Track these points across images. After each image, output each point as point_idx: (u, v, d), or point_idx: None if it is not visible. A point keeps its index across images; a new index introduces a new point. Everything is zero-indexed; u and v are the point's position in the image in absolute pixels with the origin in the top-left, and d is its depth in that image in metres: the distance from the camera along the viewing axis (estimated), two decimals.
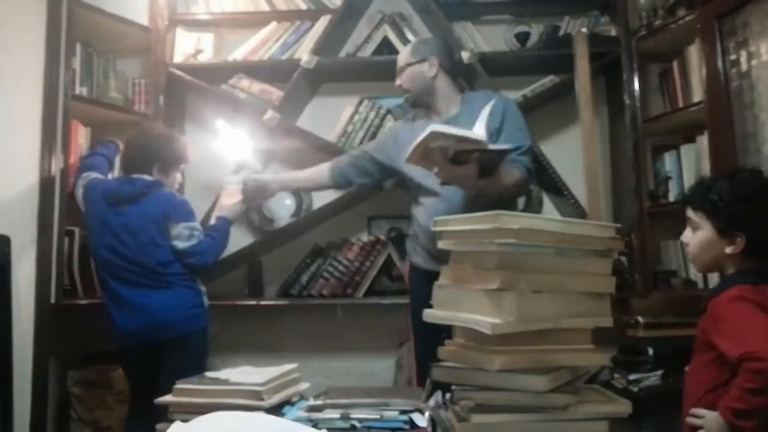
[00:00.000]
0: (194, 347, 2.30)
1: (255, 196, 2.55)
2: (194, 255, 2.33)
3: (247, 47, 3.02)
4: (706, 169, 2.54)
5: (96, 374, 2.65)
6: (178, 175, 2.51)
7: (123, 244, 2.28)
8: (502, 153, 1.95)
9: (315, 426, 1.24)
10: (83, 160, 2.58)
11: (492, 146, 1.88)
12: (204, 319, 2.36)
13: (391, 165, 2.34)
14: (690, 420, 1.46)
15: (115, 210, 2.30)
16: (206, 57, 3.04)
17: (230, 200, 2.52)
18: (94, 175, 2.46)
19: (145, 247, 2.27)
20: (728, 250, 1.54)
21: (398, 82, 2.32)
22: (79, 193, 2.42)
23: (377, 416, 1.29)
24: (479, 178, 1.94)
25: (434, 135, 1.81)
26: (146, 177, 2.36)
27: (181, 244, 2.31)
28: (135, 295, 2.26)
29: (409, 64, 2.29)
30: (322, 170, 2.46)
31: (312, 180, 2.50)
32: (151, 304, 2.25)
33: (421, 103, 2.34)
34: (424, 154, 1.91)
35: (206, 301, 2.40)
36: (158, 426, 1.31)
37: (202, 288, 2.41)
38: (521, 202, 2.93)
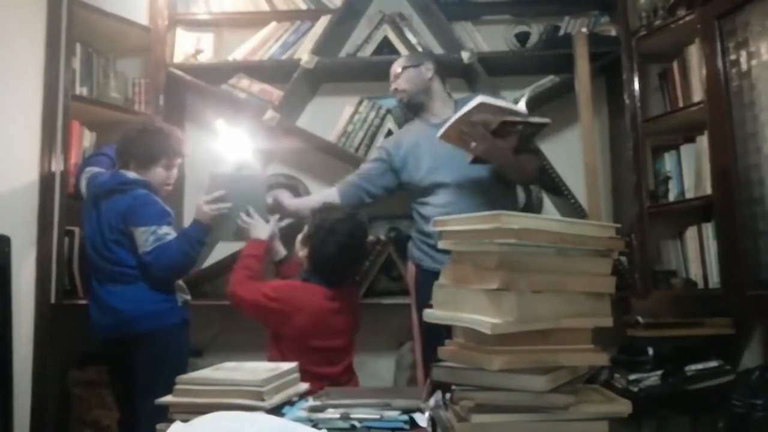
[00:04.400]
0: (165, 343, 2.20)
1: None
2: (151, 264, 2.18)
3: (247, 47, 3.02)
4: (706, 169, 2.54)
5: (96, 374, 2.65)
6: (161, 170, 2.34)
7: (95, 239, 2.27)
8: (540, 126, 2.04)
9: (315, 426, 1.24)
10: (87, 159, 2.59)
11: (532, 119, 1.96)
12: (174, 315, 2.26)
13: (397, 170, 2.44)
14: None
15: (96, 204, 2.29)
16: (206, 57, 3.05)
17: (206, 204, 2.34)
18: (96, 169, 2.46)
19: (109, 243, 2.23)
20: None
21: (393, 86, 2.47)
22: (83, 186, 2.43)
23: (377, 416, 1.29)
24: (516, 154, 2.09)
25: (482, 106, 1.90)
26: (128, 174, 2.30)
27: (140, 249, 2.20)
28: (103, 291, 2.24)
29: (405, 67, 2.47)
30: (332, 194, 2.50)
31: (324, 204, 2.45)
32: (114, 300, 2.21)
33: (415, 103, 2.47)
34: (460, 129, 1.99)
35: (181, 297, 2.30)
36: (158, 426, 1.31)
37: (179, 283, 2.33)
38: (521, 201, 2.94)
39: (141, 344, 2.18)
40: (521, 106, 1.93)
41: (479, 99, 1.92)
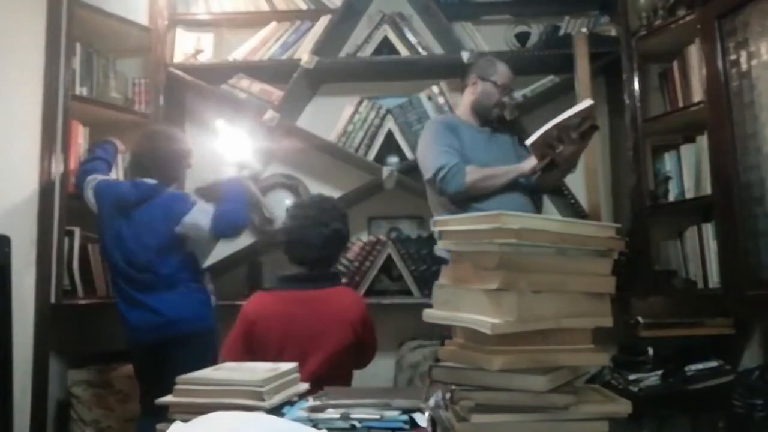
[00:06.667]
0: (201, 345, 2.30)
1: None
2: (220, 224, 2.32)
3: (247, 47, 3.02)
4: (706, 169, 2.54)
5: (96, 374, 2.65)
6: (176, 183, 2.54)
7: (132, 251, 2.32)
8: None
9: (315, 426, 1.24)
10: (84, 165, 2.59)
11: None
12: (210, 318, 2.39)
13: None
14: None
15: (124, 216, 2.35)
16: (206, 57, 3.05)
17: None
18: (100, 177, 2.49)
19: (151, 251, 2.31)
20: None
21: (506, 98, 2.45)
22: (89, 195, 2.45)
23: (377, 416, 1.29)
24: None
25: (589, 110, 1.95)
26: (149, 180, 2.38)
27: (206, 224, 2.30)
28: (145, 297, 2.30)
29: None
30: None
31: None
32: (159, 303, 2.29)
33: None
34: (550, 133, 2.03)
35: (214, 301, 2.46)
36: (158, 426, 1.31)
37: (210, 287, 2.46)
38: None
39: (180, 345, 2.26)
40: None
41: (591, 101, 1.95)
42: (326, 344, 1.95)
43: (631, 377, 2.47)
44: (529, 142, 2.11)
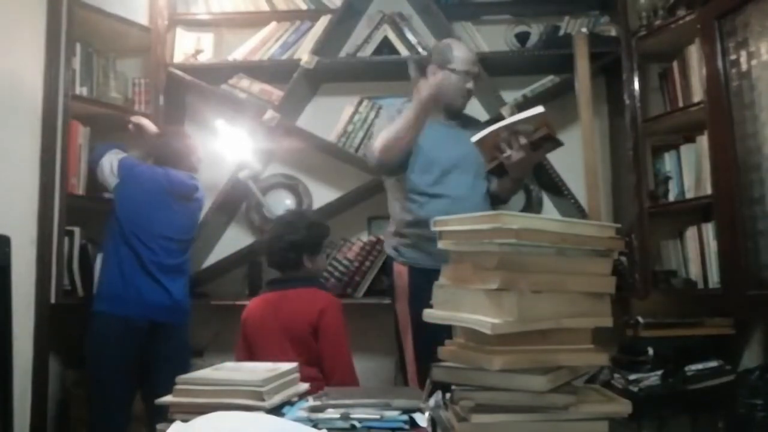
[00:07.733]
0: (188, 337, 2.56)
1: None
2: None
3: (247, 47, 3.03)
4: (706, 169, 2.54)
5: None
6: None
7: (171, 234, 2.51)
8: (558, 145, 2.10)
9: (315, 426, 1.24)
10: (103, 145, 2.65)
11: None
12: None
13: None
14: None
15: (176, 201, 2.55)
16: (206, 57, 3.05)
17: None
18: (123, 153, 2.59)
19: (182, 244, 2.57)
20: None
21: (470, 85, 2.36)
22: (115, 166, 2.52)
23: (377, 416, 1.29)
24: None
25: (539, 117, 1.95)
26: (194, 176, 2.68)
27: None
28: (166, 279, 2.46)
29: None
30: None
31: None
32: (173, 288, 2.47)
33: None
34: (498, 135, 2.02)
35: None
36: (158, 426, 1.31)
37: None
38: (521, 202, 2.94)
39: (178, 333, 2.49)
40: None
41: (542, 109, 1.94)
42: (289, 339, 2.16)
43: (631, 377, 2.47)
44: (474, 139, 2.07)
